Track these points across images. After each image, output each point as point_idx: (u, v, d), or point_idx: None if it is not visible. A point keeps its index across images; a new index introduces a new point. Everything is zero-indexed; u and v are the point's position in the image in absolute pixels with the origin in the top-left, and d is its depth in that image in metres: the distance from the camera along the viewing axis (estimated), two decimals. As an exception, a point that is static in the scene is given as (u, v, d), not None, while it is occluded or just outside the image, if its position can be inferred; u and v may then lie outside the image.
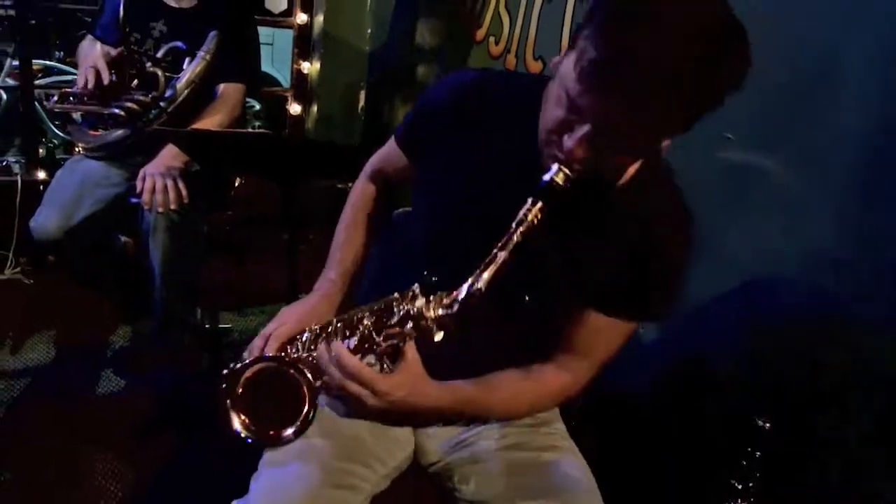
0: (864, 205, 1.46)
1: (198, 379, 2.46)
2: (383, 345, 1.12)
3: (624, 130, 0.97)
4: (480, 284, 1.03)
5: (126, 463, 2.05)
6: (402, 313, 1.09)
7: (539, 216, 1.04)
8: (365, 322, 1.16)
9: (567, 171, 1.03)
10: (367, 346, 1.14)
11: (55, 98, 2.42)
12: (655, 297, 1.23)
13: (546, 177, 1.04)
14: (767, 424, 1.56)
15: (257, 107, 5.02)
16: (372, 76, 3.42)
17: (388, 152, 1.48)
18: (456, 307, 1.05)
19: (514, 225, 1.04)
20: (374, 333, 1.14)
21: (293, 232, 2.19)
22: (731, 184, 1.74)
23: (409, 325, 1.08)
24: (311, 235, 3.03)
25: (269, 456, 1.23)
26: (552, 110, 1.05)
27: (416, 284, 1.10)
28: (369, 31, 3.40)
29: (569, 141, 1.01)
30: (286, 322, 1.35)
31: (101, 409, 2.32)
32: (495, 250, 1.04)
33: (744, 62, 0.94)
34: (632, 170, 1.17)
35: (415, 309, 1.07)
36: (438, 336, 1.07)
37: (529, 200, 1.04)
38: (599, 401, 1.62)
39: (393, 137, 1.47)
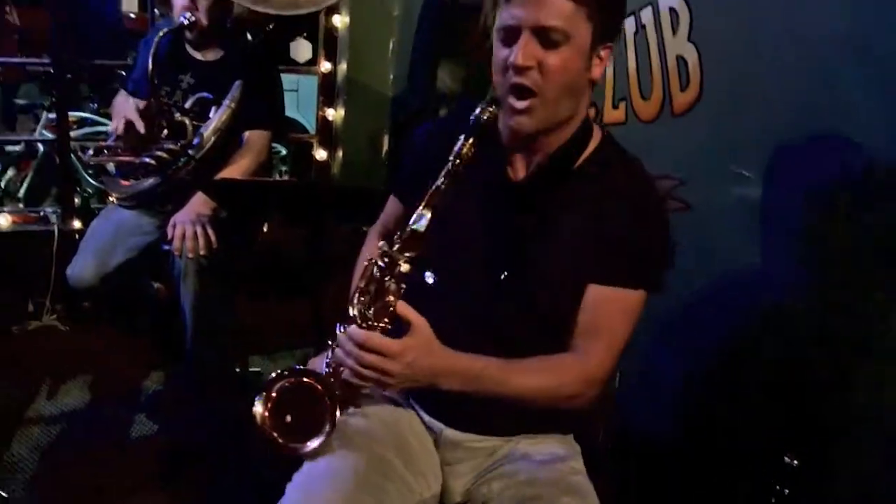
0: (875, 234, 1.49)
1: (229, 422, 2.49)
2: (379, 314, 1.19)
3: (549, 18, 1.18)
4: (426, 213, 1.20)
5: (159, 504, 2.08)
6: (378, 271, 1.20)
7: (472, 150, 1.24)
8: (356, 304, 1.21)
9: (492, 108, 1.25)
10: (368, 323, 1.19)
11: (91, 152, 2.51)
12: (640, 255, 1.30)
13: (473, 115, 1.25)
14: (795, 462, 1.55)
15: (284, 152, 5.12)
16: (395, 121, 3.49)
17: (388, 206, 1.61)
18: (409, 233, 1.20)
19: (451, 158, 1.24)
20: (367, 309, 1.20)
21: (320, 275, 2.24)
22: (750, 219, 1.76)
23: (388, 277, 1.19)
24: (340, 277, 3.06)
25: (305, 465, 1.26)
26: (495, 55, 1.26)
27: (383, 242, 1.22)
28: (391, 77, 3.47)
29: (513, 56, 1.21)
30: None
31: (134, 452, 2.36)
32: (436, 182, 1.22)
33: None
34: (592, 145, 1.34)
35: (385, 257, 1.19)
36: (405, 268, 1.19)
37: (462, 137, 1.24)
38: (621, 438, 1.63)
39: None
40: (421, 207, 1.21)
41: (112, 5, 6.91)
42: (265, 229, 2.91)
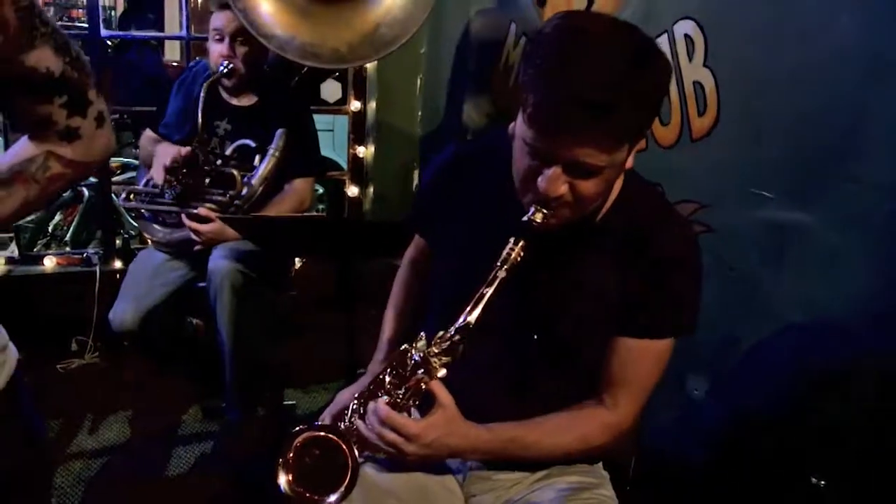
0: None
1: (266, 455, 2.51)
2: (407, 394, 1.20)
3: (587, 156, 1.06)
4: (470, 319, 1.15)
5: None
6: (412, 362, 1.19)
7: (522, 254, 1.14)
8: (387, 379, 1.24)
9: (544, 209, 1.13)
10: (396, 400, 1.21)
11: (123, 196, 2.56)
12: (675, 305, 1.26)
13: (525, 217, 1.15)
14: (823, 482, 1.53)
15: (321, 190, 5.23)
16: (424, 156, 3.54)
17: (414, 238, 1.61)
18: (449, 343, 1.16)
19: (498, 263, 1.15)
20: (396, 387, 1.22)
21: (352, 309, 2.27)
22: (773, 240, 1.76)
23: (420, 371, 1.18)
24: (372, 311, 3.09)
25: None
26: (519, 161, 1.15)
27: (422, 333, 1.21)
28: (419, 113, 3.53)
29: (542, 183, 1.11)
30: (340, 403, 1.45)
31: (173, 487, 2.40)
32: (482, 288, 1.15)
33: (665, 65, 1.06)
34: (616, 189, 1.25)
35: (420, 354, 1.18)
36: (441, 373, 1.17)
37: (511, 240, 1.15)
38: (651, 464, 1.62)
39: None
40: (467, 311, 1.15)
41: (154, 55, 7.17)
42: (297, 265, 2.97)
